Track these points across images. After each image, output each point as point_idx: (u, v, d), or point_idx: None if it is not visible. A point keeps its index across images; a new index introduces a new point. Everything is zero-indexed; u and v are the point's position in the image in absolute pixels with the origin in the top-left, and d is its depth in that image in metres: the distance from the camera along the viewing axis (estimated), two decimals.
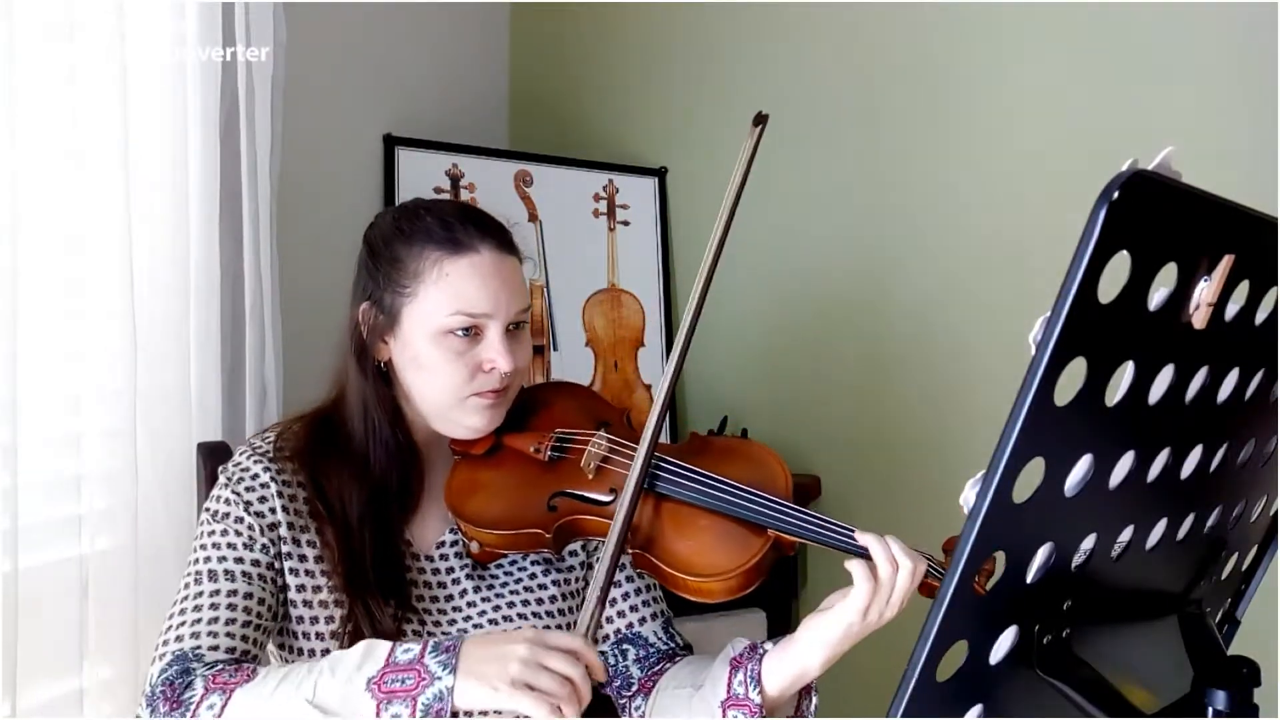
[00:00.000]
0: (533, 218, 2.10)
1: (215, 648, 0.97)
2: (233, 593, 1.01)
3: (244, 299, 1.56)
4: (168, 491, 1.43)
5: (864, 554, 0.98)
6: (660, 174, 2.21)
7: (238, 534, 1.04)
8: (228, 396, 1.55)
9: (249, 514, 1.05)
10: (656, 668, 1.15)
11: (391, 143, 1.99)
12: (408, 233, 1.10)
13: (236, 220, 1.55)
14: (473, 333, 1.08)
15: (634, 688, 1.15)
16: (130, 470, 1.41)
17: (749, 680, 1.00)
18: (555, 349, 2.07)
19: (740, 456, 1.12)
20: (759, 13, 2.05)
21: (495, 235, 1.11)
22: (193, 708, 0.91)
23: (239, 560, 1.03)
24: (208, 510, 1.08)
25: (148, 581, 1.39)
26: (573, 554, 1.19)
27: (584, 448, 1.12)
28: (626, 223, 2.18)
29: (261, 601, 1.03)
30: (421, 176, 1.99)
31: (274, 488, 1.07)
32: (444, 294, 1.06)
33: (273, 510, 1.06)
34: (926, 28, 1.87)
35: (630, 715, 1.15)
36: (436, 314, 1.07)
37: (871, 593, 0.96)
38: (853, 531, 1.00)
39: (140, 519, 1.41)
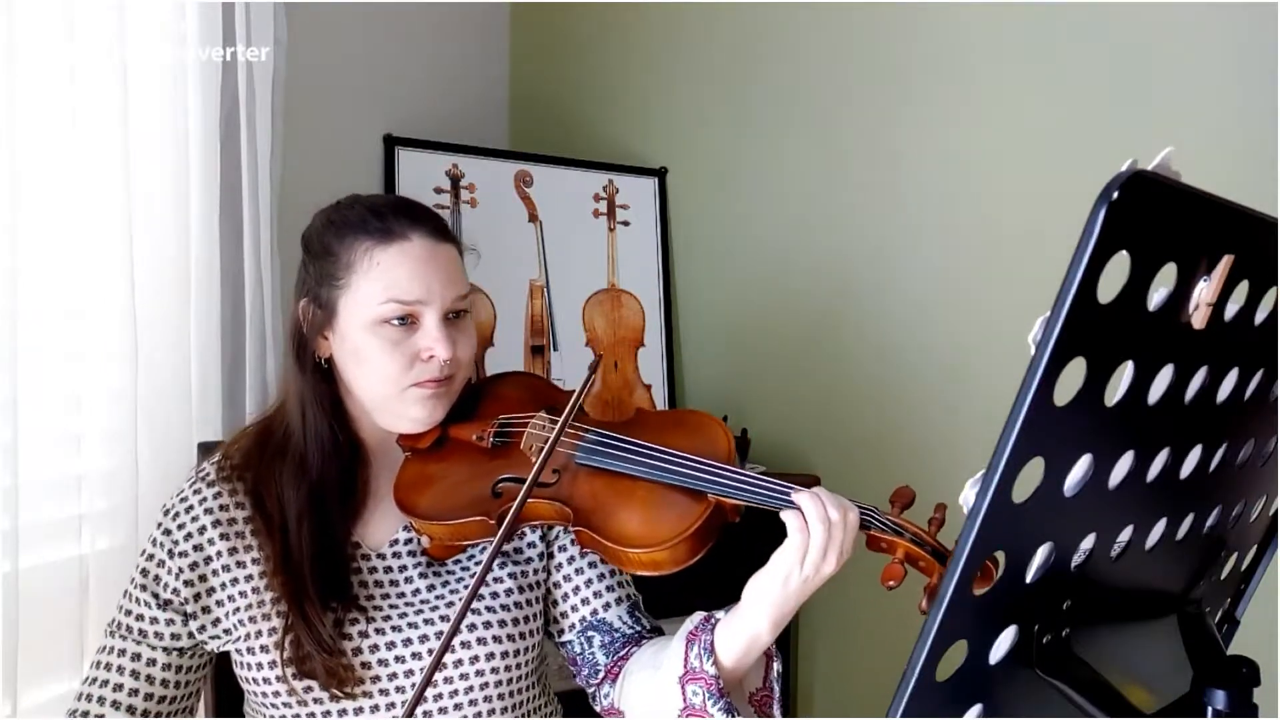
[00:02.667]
0: (533, 218, 2.10)
1: (100, 717, 1.06)
2: (123, 652, 1.08)
3: (244, 299, 1.56)
4: (168, 491, 1.42)
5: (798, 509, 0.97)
6: (660, 174, 2.21)
7: (156, 579, 1.09)
8: (228, 396, 1.55)
9: (172, 556, 1.09)
10: (623, 653, 1.13)
11: (391, 143, 1.99)
12: (339, 225, 1.10)
13: (236, 220, 1.55)
14: (409, 321, 1.07)
15: (601, 674, 1.13)
16: (130, 470, 1.41)
17: (703, 652, 0.99)
18: (555, 349, 2.07)
19: (680, 425, 1.10)
20: (759, 12, 2.05)
21: (427, 223, 1.10)
22: None
23: (139, 614, 1.09)
24: (143, 547, 1.12)
25: None
26: (531, 545, 1.17)
27: (524, 430, 1.11)
28: (626, 223, 2.18)
29: (153, 663, 1.09)
30: (421, 176, 1.99)
31: (208, 519, 1.10)
32: (376, 283, 1.06)
33: (198, 548, 1.09)
34: (925, 27, 1.87)
35: (599, 703, 1.14)
36: (370, 303, 1.06)
37: (805, 542, 0.94)
38: (788, 491, 0.98)
39: (140, 519, 1.41)
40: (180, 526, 1.10)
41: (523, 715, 1.13)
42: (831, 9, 1.97)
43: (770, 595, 0.96)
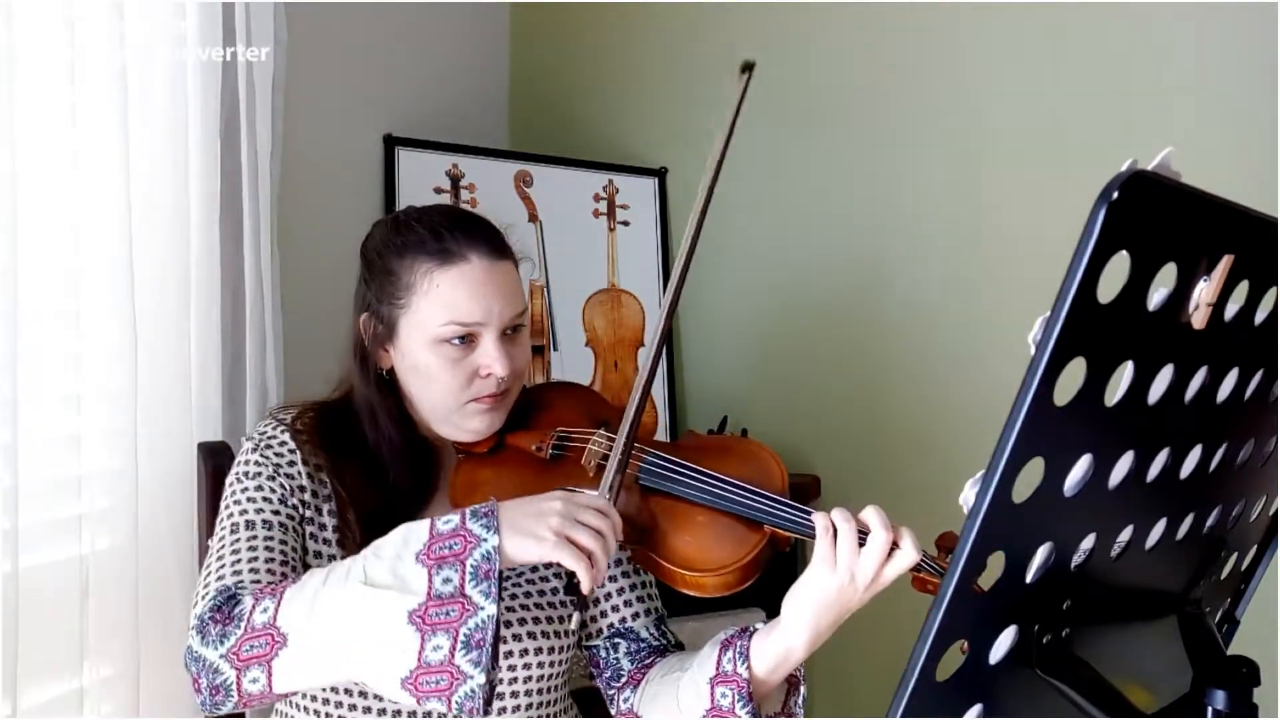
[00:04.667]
0: (533, 218, 2.10)
1: (256, 581, 1.00)
2: (267, 538, 1.05)
3: (244, 299, 1.56)
4: (168, 491, 1.43)
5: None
6: (660, 174, 2.21)
7: (271, 489, 1.08)
8: (228, 396, 1.55)
9: (279, 474, 1.10)
10: (647, 662, 1.16)
11: (391, 143, 1.99)
12: (399, 245, 1.12)
13: (236, 220, 1.55)
14: (468, 340, 1.10)
15: (623, 680, 1.16)
16: (130, 470, 1.41)
17: (737, 657, 1.01)
18: (555, 349, 2.07)
19: (736, 454, 1.14)
20: (759, 12, 2.05)
21: (486, 241, 1.12)
22: (245, 616, 0.93)
23: (274, 511, 1.07)
24: (236, 473, 1.11)
25: (148, 581, 1.39)
26: None
27: (584, 446, 1.14)
28: (626, 223, 2.18)
29: (290, 546, 1.07)
30: (421, 177, 1.99)
31: (296, 456, 1.12)
32: (436, 305, 1.08)
33: (298, 475, 1.11)
34: (926, 28, 1.87)
35: (616, 706, 1.16)
36: (430, 324, 1.08)
37: (831, 545, 0.96)
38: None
39: (140, 519, 1.41)
40: (277, 455, 1.11)
41: (550, 715, 1.15)
42: (833, 9, 1.97)
43: (806, 609, 0.98)
